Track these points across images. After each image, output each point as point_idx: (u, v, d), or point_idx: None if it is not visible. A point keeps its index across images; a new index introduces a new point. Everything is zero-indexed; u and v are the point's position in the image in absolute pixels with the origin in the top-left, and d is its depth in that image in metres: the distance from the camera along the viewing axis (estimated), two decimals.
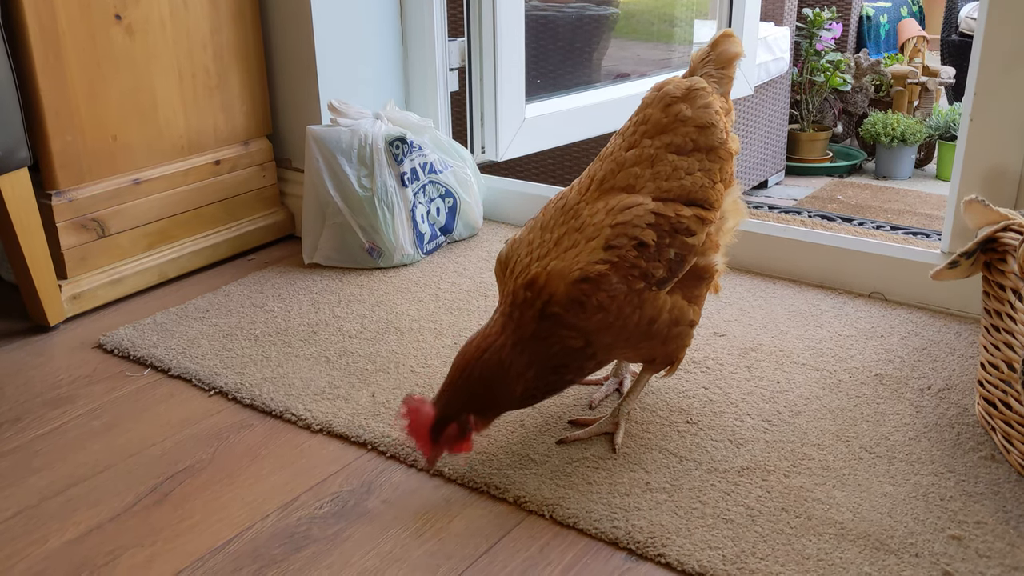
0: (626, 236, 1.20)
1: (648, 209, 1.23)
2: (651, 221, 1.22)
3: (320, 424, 1.40)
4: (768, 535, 1.13)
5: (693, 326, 1.30)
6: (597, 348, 1.22)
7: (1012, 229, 1.23)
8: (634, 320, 1.21)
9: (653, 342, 1.26)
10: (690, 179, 1.27)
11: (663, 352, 1.29)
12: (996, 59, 1.57)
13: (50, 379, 1.57)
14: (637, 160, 1.27)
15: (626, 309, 1.20)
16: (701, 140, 1.29)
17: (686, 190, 1.26)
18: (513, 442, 1.33)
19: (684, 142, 1.28)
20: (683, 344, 1.31)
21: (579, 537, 1.15)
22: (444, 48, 2.25)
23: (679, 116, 1.29)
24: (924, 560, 1.09)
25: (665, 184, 1.26)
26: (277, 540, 1.16)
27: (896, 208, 4.08)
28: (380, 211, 1.94)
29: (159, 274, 1.94)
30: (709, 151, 1.29)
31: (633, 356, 1.32)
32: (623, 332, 1.22)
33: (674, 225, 1.23)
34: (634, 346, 1.26)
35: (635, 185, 1.26)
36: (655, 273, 1.21)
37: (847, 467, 1.26)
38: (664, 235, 1.22)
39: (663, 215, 1.23)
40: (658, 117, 1.30)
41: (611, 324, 1.20)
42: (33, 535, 1.18)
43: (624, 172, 1.27)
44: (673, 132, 1.28)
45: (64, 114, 1.72)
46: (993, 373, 1.28)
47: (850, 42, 5.08)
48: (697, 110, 1.29)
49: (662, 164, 1.27)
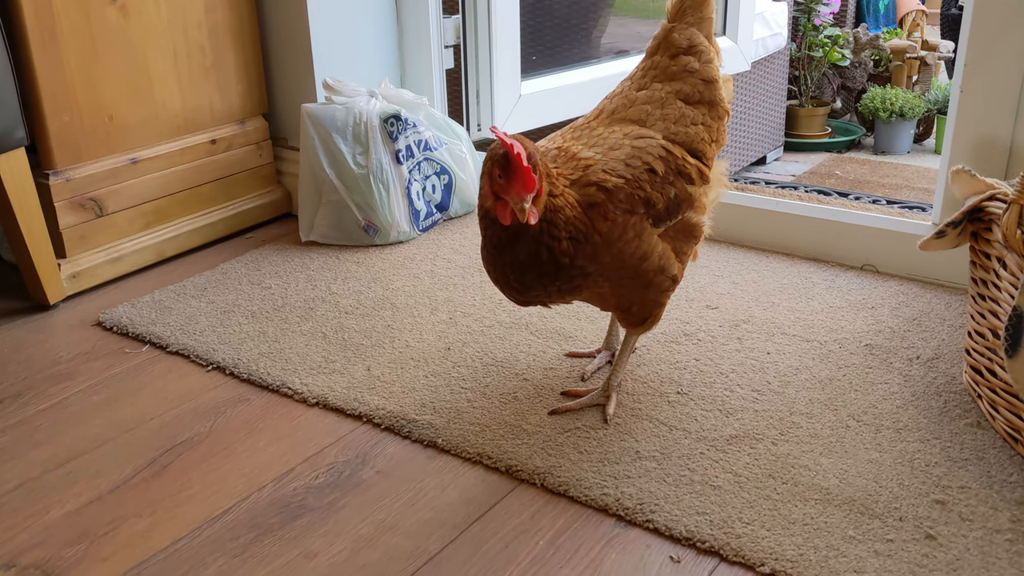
0: (640, 159, 1.24)
1: (660, 143, 1.27)
2: (662, 154, 1.26)
3: (316, 397, 1.42)
4: (755, 501, 1.15)
5: (675, 283, 1.31)
6: (587, 258, 1.19)
7: (997, 198, 1.25)
8: (632, 248, 1.22)
9: (637, 283, 1.26)
10: (694, 129, 1.31)
11: (642, 299, 1.29)
12: (986, 31, 1.58)
13: (50, 356, 1.59)
14: (648, 100, 1.32)
15: (629, 232, 1.22)
16: (707, 94, 1.34)
17: (691, 138, 1.31)
18: (506, 414, 1.35)
19: (693, 92, 1.33)
20: (660, 299, 1.31)
21: (569, 504, 1.18)
22: (439, 25, 2.25)
23: (687, 67, 1.33)
24: (908, 524, 1.11)
25: (674, 127, 1.30)
26: (273, 509, 1.18)
27: (894, 183, 4.08)
28: (376, 188, 1.96)
29: (157, 253, 1.95)
30: (711, 106, 1.34)
31: (613, 295, 1.29)
32: (619, 257, 1.22)
33: (679, 167, 1.27)
34: (620, 280, 1.25)
35: (646, 120, 1.31)
36: (656, 203, 1.24)
37: (834, 435, 1.28)
38: (670, 172, 1.26)
39: (672, 153, 1.27)
40: (666, 64, 1.34)
41: (614, 241, 1.20)
42: (35, 506, 1.21)
43: (635, 107, 1.32)
44: (683, 81, 1.33)
45: (60, 94, 1.74)
46: (979, 341, 1.30)
47: (849, 16, 5.06)
48: (703, 64, 1.34)
49: (671, 108, 1.31)
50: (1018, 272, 1.17)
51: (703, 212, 1.32)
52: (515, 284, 1.21)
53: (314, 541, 1.12)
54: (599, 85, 2.63)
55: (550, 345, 1.55)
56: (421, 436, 1.31)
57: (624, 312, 1.33)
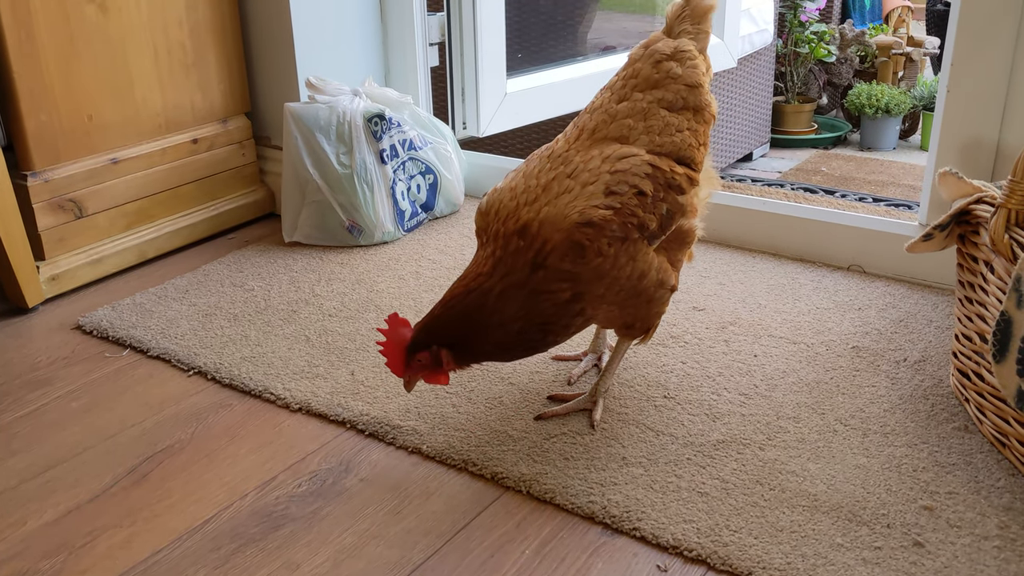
0: (626, 184, 1.20)
1: (645, 160, 1.23)
2: (649, 172, 1.22)
3: (299, 403, 1.40)
4: (742, 508, 1.14)
5: (673, 291, 1.30)
6: (587, 301, 1.20)
7: (985, 201, 1.24)
8: (627, 272, 1.21)
9: (638, 300, 1.25)
10: (680, 136, 1.27)
11: (644, 314, 1.29)
12: (973, 29, 1.57)
13: (29, 361, 1.57)
14: (630, 112, 1.27)
15: (622, 258, 1.19)
16: (691, 99, 1.30)
17: (677, 147, 1.27)
18: (492, 419, 1.34)
19: (675, 99, 1.29)
20: (661, 309, 1.31)
21: (556, 512, 1.16)
22: (424, 22, 2.23)
23: (670, 73, 1.29)
24: (896, 531, 1.10)
25: (659, 139, 1.26)
26: (255, 519, 1.17)
27: (880, 180, 4.08)
28: (360, 188, 1.94)
29: (138, 254, 1.93)
30: (696, 111, 1.30)
31: (616, 316, 1.29)
32: (615, 284, 1.21)
33: (668, 180, 1.24)
34: (621, 303, 1.24)
35: (628, 137, 1.26)
36: (649, 225, 1.21)
37: (822, 439, 1.28)
38: (659, 188, 1.22)
39: (659, 168, 1.23)
40: (648, 72, 1.30)
41: (607, 272, 1.19)
42: (11, 517, 1.18)
43: (616, 123, 1.27)
44: (664, 88, 1.29)
45: (38, 93, 1.71)
46: (967, 344, 1.29)
47: (835, 13, 5.06)
48: (687, 69, 1.30)
49: (655, 119, 1.27)
50: (1006, 276, 1.16)
51: (695, 216, 1.30)
52: (509, 358, 1.28)
53: (297, 552, 1.11)
54: (586, 83, 2.62)
55: None
56: (405, 443, 1.30)
57: (628, 328, 1.32)
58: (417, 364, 1.21)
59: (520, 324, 1.19)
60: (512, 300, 1.17)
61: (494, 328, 1.18)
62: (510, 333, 1.19)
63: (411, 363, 1.21)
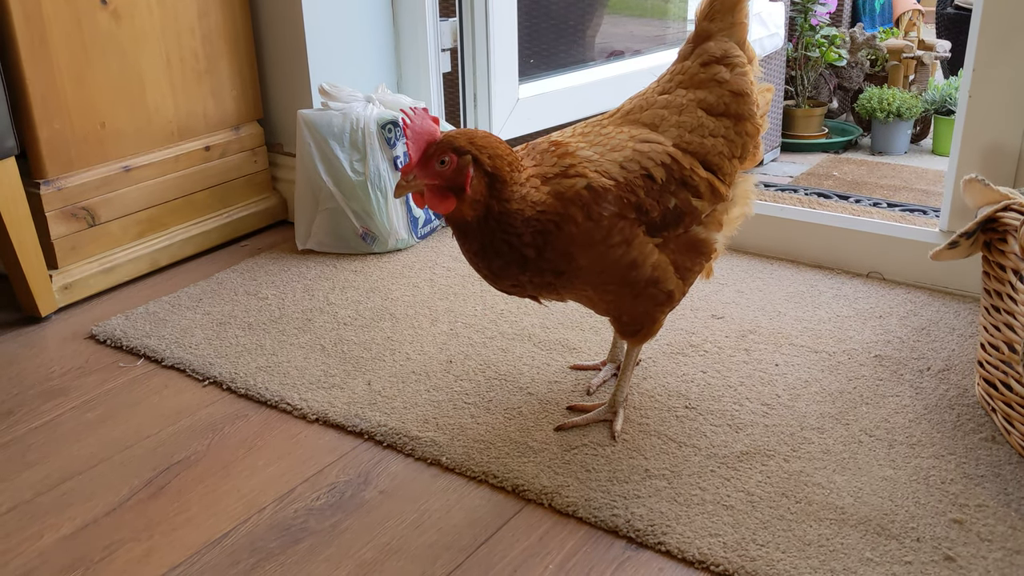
0: (639, 164, 1.20)
1: (665, 150, 1.23)
2: (665, 161, 1.22)
3: (316, 414, 1.39)
4: (769, 521, 1.12)
5: (671, 299, 1.26)
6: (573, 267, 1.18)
7: (1013, 209, 1.22)
8: (617, 253, 1.18)
9: (624, 291, 1.23)
10: (711, 141, 1.26)
11: (631, 310, 1.26)
12: (995, 34, 1.55)
13: (42, 371, 1.56)
14: (667, 104, 1.28)
15: (615, 236, 1.17)
16: (733, 107, 1.28)
17: (706, 150, 1.26)
18: (511, 430, 1.32)
19: (717, 103, 1.28)
20: (653, 311, 1.27)
21: (578, 526, 1.15)
22: (436, 28, 2.22)
23: (716, 76, 1.28)
24: (926, 544, 1.08)
25: (687, 135, 1.26)
26: (274, 533, 1.15)
27: (893, 184, 4.06)
28: (373, 196, 1.92)
29: (151, 262, 1.92)
30: (738, 120, 1.28)
31: (601, 300, 1.26)
32: (601, 261, 1.18)
33: (684, 178, 1.23)
34: (604, 286, 1.22)
35: (659, 125, 1.26)
36: (649, 211, 1.20)
37: (847, 451, 1.26)
38: (672, 181, 1.21)
39: (678, 162, 1.23)
40: (695, 71, 1.30)
41: (596, 242, 1.16)
42: (27, 531, 1.17)
43: (651, 111, 1.28)
44: (708, 90, 1.28)
45: (51, 101, 1.70)
46: (993, 354, 1.27)
47: (845, 16, 5.04)
48: (735, 75, 1.29)
49: (689, 115, 1.27)
50: None
51: (717, 229, 1.28)
52: (486, 271, 1.21)
53: (317, 567, 1.09)
54: (598, 88, 2.60)
55: (554, 357, 1.52)
56: (424, 454, 1.28)
57: (616, 320, 1.31)
58: (435, 165, 1.12)
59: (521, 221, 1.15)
60: (532, 192, 1.16)
61: (514, 201, 1.15)
62: (514, 220, 1.15)
63: (431, 160, 1.12)
